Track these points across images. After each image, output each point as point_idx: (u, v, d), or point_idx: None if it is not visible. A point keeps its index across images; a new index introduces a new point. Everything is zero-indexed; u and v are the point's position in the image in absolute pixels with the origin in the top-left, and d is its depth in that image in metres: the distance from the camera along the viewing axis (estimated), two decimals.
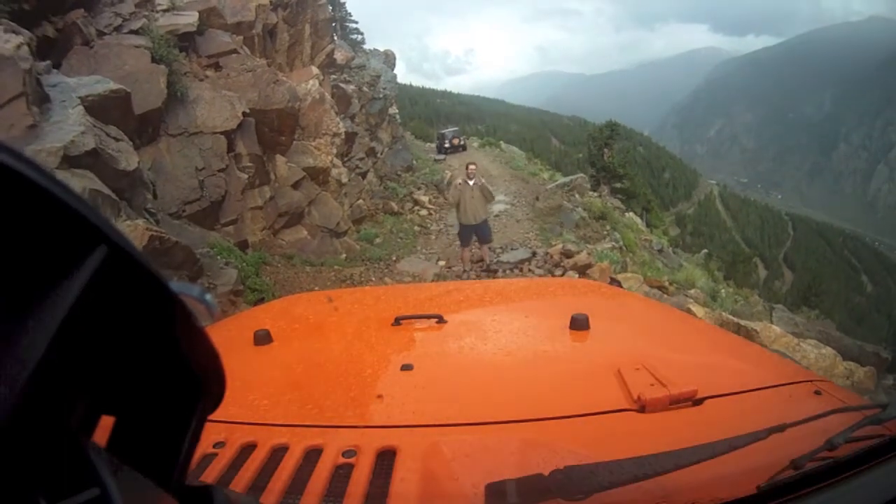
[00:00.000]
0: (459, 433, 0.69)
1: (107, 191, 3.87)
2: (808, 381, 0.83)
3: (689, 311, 4.72)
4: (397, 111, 17.23)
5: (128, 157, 4.35)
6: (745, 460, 0.56)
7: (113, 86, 4.71)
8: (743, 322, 4.82)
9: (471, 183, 6.37)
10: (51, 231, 0.22)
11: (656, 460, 0.53)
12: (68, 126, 3.82)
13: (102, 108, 4.49)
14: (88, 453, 0.25)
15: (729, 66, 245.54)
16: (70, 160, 3.70)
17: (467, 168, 6.62)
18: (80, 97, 4.22)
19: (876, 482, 0.56)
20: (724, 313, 5.36)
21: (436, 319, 1.12)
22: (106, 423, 0.29)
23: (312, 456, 0.65)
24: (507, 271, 6.91)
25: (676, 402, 0.71)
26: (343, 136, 9.99)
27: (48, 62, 4.63)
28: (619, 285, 5.73)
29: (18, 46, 3.80)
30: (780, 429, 0.58)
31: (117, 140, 4.41)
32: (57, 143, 3.65)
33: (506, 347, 1.00)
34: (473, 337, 1.04)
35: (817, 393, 0.78)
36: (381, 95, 14.72)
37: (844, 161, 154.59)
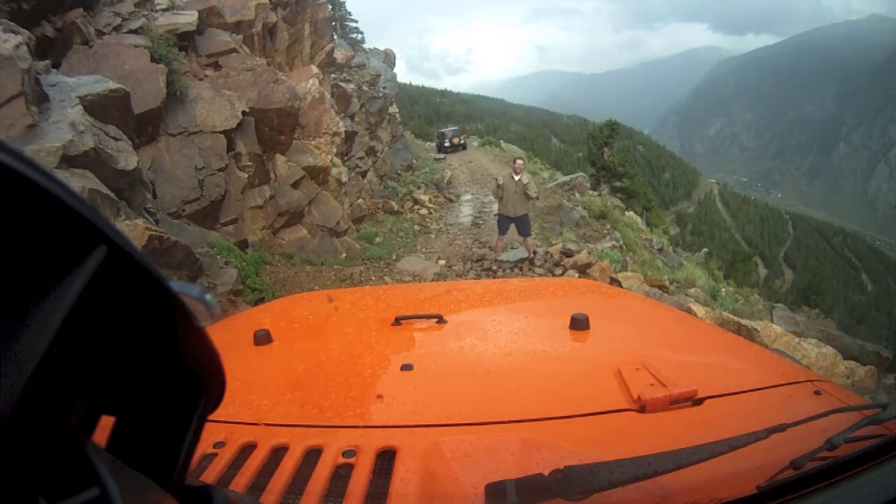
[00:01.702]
0: (459, 433, 0.69)
1: (106, 190, 3.86)
2: (808, 381, 0.83)
3: (689, 310, 4.72)
4: (397, 110, 17.21)
5: (127, 157, 4.35)
6: (745, 460, 0.56)
7: (112, 85, 4.70)
8: (743, 321, 4.81)
9: (516, 178, 6.69)
10: (51, 231, 0.22)
11: (656, 460, 0.53)
12: (67, 126, 3.81)
13: (102, 108, 4.48)
14: (88, 453, 0.25)
15: (729, 65, 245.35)
16: (69, 160, 3.69)
17: (515, 163, 6.96)
18: (79, 97, 4.21)
19: (876, 482, 0.56)
20: (724, 312, 5.36)
21: (436, 319, 1.12)
22: (106, 423, 0.29)
23: (312, 456, 0.65)
24: (507, 271, 6.92)
25: (676, 402, 0.71)
26: (343, 136, 9.98)
27: (47, 62, 4.62)
28: (619, 285, 5.73)
29: (17, 46, 3.78)
30: (780, 429, 0.58)
31: (116, 140, 4.41)
32: (56, 143, 3.64)
33: (506, 347, 1.00)
34: (473, 337, 1.04)
35: (817, 393, 0.78)
36: (380, 94, 14.71)
37: (845, 160, 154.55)
